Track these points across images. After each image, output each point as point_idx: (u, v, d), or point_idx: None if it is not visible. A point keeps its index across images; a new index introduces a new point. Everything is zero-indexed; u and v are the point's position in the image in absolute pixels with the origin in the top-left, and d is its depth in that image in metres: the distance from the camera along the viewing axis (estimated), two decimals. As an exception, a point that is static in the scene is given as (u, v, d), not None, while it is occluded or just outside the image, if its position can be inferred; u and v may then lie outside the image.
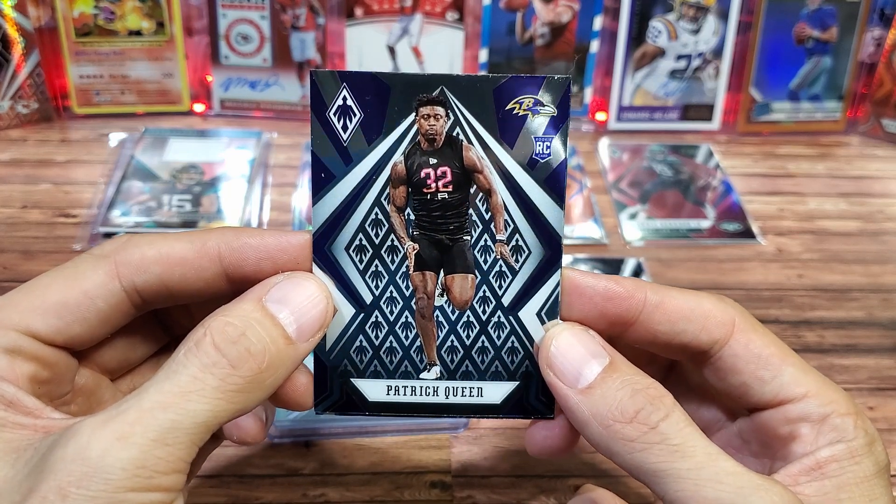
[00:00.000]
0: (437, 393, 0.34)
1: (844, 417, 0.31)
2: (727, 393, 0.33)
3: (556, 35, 0.79)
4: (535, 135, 0.32)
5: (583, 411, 0.30)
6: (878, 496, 0.29)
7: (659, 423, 0.28)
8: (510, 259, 0.33)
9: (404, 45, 0.78)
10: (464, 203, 0.32)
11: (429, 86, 0.31)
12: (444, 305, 0.33)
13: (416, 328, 0.33)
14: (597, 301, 0.32)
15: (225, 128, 0.78)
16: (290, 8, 0.76)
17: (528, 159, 0.32)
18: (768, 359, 0.32)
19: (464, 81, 0.31)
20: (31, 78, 0.76)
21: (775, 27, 0.78)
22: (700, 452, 0.28)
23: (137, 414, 0.25)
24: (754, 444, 0.33)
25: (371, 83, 0.31)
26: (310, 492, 0.46)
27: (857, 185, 0.76)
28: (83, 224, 0.65)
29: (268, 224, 0.66)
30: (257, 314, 0.29)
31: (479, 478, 0.47)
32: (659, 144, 0.79)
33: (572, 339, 0.31)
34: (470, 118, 0.32)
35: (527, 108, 0.32)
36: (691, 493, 0.27)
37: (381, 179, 0.32)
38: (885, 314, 0.60)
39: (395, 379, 0.33)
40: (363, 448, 0.48)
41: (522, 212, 0.32)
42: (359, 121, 0.32)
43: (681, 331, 0.32)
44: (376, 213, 0.32)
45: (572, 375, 0.30)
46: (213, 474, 0.46)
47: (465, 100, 0.31)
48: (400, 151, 0.32)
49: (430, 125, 0.32)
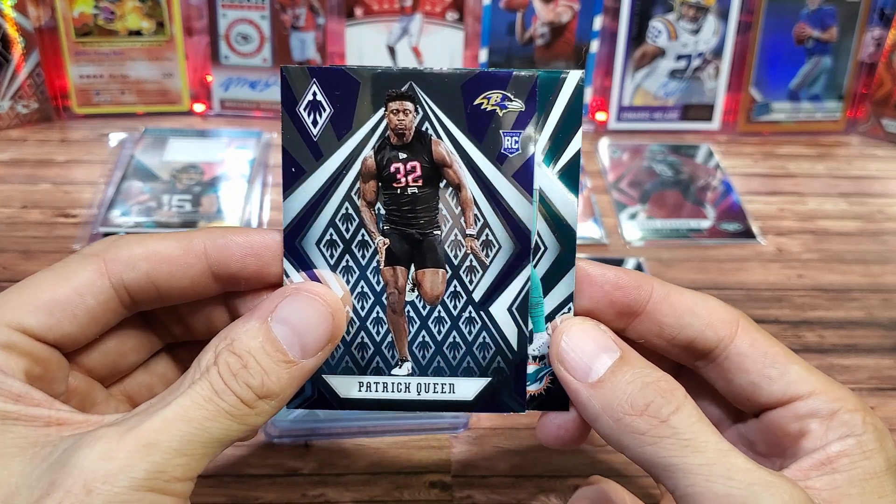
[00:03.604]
0: (408, 389, 0.34)
1: (853, 413, 0.31)
2: (733, 393, 0.33)
3: (556, 35, 0.79)
4: (503, 130, 0.32)
5: (594, 405, 0.30)
6: (888, 493, 0.29)
7: (670, 417, 0.28)
8: (480, 254, 0.33)
9: (404, 45, 0.78)
10: (434, 198, 0.33)
11: (397, 81, 0.31)
12: (416, 301, 0.33)
13: (388, 324, 0.33)
14: (607, 289, 0.32)
15: (225, 128, 0.78)
16: (290, 8, 0.76)
17: (497, 154, 0.32)
18: (775, 357, 0.32)
19: (432, 77, 0.31)
20: (31, 78, 0.76)
21: (775, 27, 0.78)
22: (711, 448, 0.28)
23: (162, 424, 0.27)
24: (760, 444, 0.33)
25: (341, 78, 0.31)
26: (309, 492, 0.46)
27: (857, 185, 0.76)
28: (83, 224, 0.65)
29: (268, 224, 0.66)
30: (259, 339, 0.29)
31: (479, 478, 0.47)
32: (659, 144, 0.79)
33: (583, 334, 0.31)
34: (439, 113, 0.32)
35: (495, 104, 0.32)
36: (702, 488, 0.27)
37: (352, 174, 0.32)
38: (885, 314, 0.60)
39: (367, 375, 0.34)
40: (363, 448, 0.48)
41: (492, 207, 0.32)
42: (329, 116, 0.32)
43: (686, 324, 0.32)
44: (346, 207, 0.32)
45: (583, 369, 0.30)
46: (213, 474, 0.46)
47: (433, 95, 0.32)
48: (370, 146, 0.32)
49: (399, 120, 0.32)
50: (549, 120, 0.32)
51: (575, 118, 0.32)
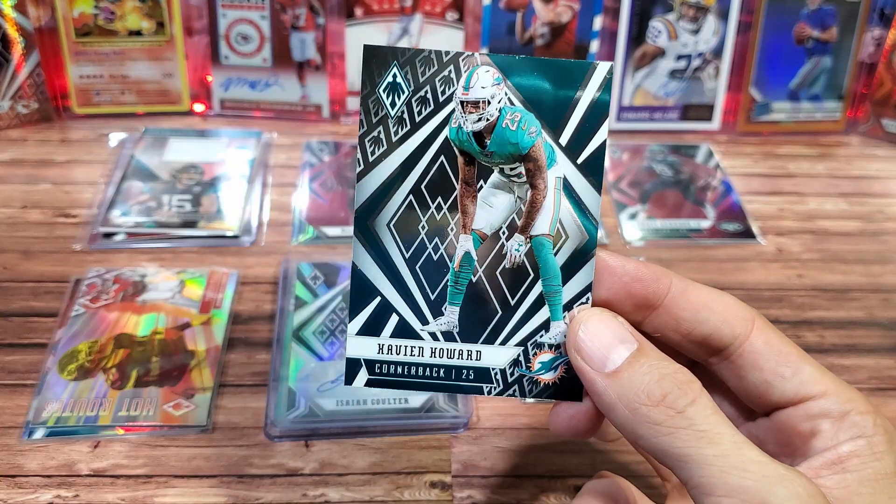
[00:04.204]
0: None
1: (864, 415, 0.31)
2: (746, 391, 0.33)
3: (556, 35, 0.79)
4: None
5: (609, 395, 0.30)
6: None
7: (686, 408, 0.28)
8: None
9: (404, 45, 0.78)
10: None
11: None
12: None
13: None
14: (626, 280, 0.32)
15: (225, 128, 0.78)
16: (290, 8, 0.76)
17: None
18: (788, 357, 0.32)
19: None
20: (31, 78, 0.76)
21: (775, 27, 0.78)
22: (726, 440, 0.28)
23: None
24: (770, 444, 0.34)
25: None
26: (310, 492, 0.46)
27: (857, 185, 0.76)
28: (83, 224, 0.65)
29: (267, 224, 0.66)
30: None
31: (479, 478, 0.47)
32: (659, 144, 0.79)
33: (600, 325, 0.31)
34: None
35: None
36: (717, 479, 0.27)
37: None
38: (885, 314, 0.60)
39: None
40: (363, 448, 0.48)
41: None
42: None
43: (703, 320, 0.32)
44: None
45: (600, 360, 0.31)
46: (213, 474, 0.46)
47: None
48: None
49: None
50: (576, 109, 0.32)
51: (602, 108, 0.32)
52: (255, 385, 0.52)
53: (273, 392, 0.50)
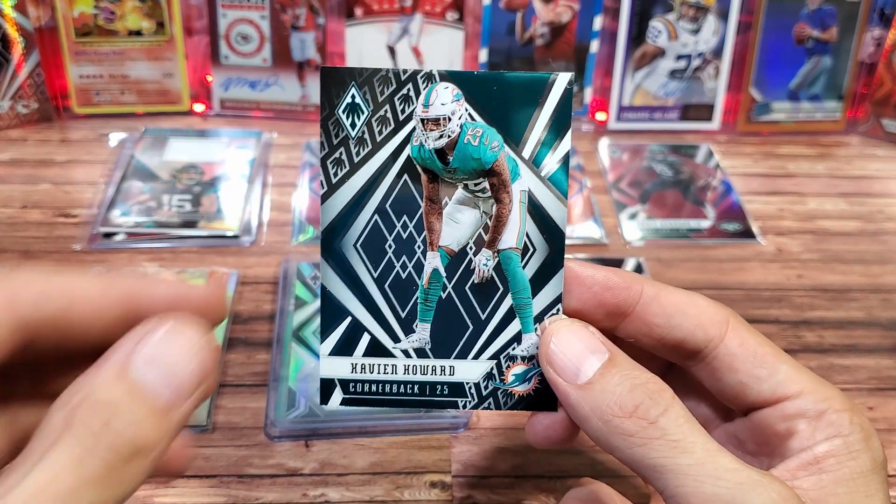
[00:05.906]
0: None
1: (840, 413, 0.31)
2: (723, 392, 0.33)
3: (556, 35, 0.79)
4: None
5: (583, 407, 0.30)
6: (874, 492, 0.29)
7: (658, 418, 0.28)
8: None
9: (404, 44, 0.78)
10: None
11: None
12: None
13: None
14: (596, 290, 0.32)
15: (225, 128, 0.78)
16: (290, 8, 0.76)
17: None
18: (764, 357, 0.32)
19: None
20: (31, 78, 0.76)
21: (775, 27, 0.78)
22: (699, 448, 0.28)
23: (26, 498, 0.22)
24: (749, 443, 0.34)
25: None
26: (310, 492, 0.46)
27: (857, 185, 0.76)
28: (83, 224, 0.65)
29: (267, 224, 0.66)
30: (119, 390, 0.24)
31: (479, 478, 0.47)
32: (659, 144, 0.79)
33: (571, 336, 0.31)
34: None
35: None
36: (691, 488, 0.27)
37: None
38: (885, 314, 0.60)
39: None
40: (363, 448, 0.48)
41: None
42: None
43: (676, 325, 0.32)
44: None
45: (572, 371, 0.30)
46: (213, 474, 0.46)
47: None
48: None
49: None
50: (537, 122, 0.32)
51: (564, 120, 0.32)
52: (255, 385, 0.52)
53: (273, 392, 0.50)
